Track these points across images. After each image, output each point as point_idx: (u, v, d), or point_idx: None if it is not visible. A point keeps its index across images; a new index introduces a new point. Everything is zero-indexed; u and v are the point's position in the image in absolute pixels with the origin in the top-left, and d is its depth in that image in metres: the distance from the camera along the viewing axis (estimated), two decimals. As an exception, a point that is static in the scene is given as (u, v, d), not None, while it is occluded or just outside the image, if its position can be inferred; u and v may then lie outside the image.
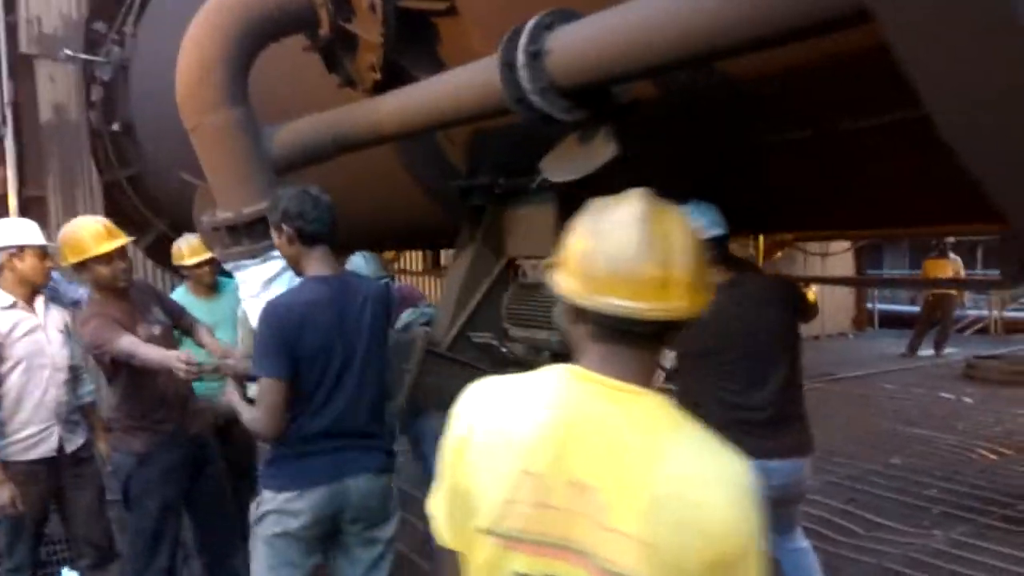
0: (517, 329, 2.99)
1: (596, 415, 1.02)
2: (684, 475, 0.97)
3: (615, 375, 1.04)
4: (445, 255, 9.38)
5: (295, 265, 2.25)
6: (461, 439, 1.11)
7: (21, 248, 2.87)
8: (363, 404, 2.21)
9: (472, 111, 2.06)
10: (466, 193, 3.03)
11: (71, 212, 7.38)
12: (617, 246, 1.01)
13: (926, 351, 9.96)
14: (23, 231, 2.93)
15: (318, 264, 2.20)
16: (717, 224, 2.40)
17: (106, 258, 2.68)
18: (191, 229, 4.23)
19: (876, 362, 9.36)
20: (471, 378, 3.11)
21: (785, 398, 2.53)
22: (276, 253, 2.36)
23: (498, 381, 1.14)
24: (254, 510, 2.21)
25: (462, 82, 2.06)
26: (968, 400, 7.19)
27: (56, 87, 7.54)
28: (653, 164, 2.12)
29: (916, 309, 11.51)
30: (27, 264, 2.87)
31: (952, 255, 9.91)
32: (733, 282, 2.52)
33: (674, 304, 1.00)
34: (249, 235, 2.37)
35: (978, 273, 11.91)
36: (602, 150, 1.83)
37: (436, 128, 2.31)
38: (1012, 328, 11.77)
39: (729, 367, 2.49)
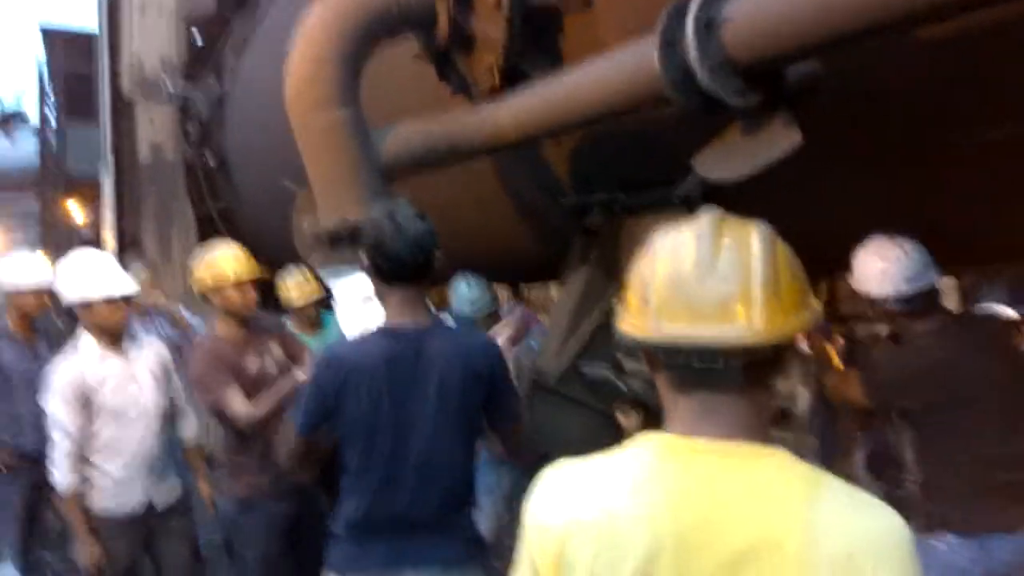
0: (633, 362, 2.68)
1: (718, 494, 0.85)
2: (844, 545, 0.82)
3: (717, 434, 0.87)
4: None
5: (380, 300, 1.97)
6: (555, 545, 0.90)
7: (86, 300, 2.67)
8: (435, 488, 1.83)
9: (614, 105, 1.81)
10: (581, 211, 2.78)
11: (167, 251, 7.55)
12: (674, 265, 0.87)
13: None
14: (85, 280, 2.66)
15: (394, 310, 1.85)
16: (930, 268, 2.08)
17: (240, 285, 2.71)
18: (279, 264, 4.15)
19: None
20: (581, 416, 2.83)
21: None
22: None
23: (580, 467, 0.95)
24: None
25: (603, 72, 1.82)
26: None
27: (155, 128, 7.82)
28: (827, 170, 1.82)
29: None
30: (96, 314, 2.67)
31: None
32: (949, 327, 2.19)
33: (750, 327, 0.83)
34: (353, 244, 2.16)
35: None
36: (781, 139, 1.54)
37: (567, 129, 2.08)
38: None
39: (978, 421, 2.11)
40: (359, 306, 2.17)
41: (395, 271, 1.82)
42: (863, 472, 3.63)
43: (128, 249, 7.72)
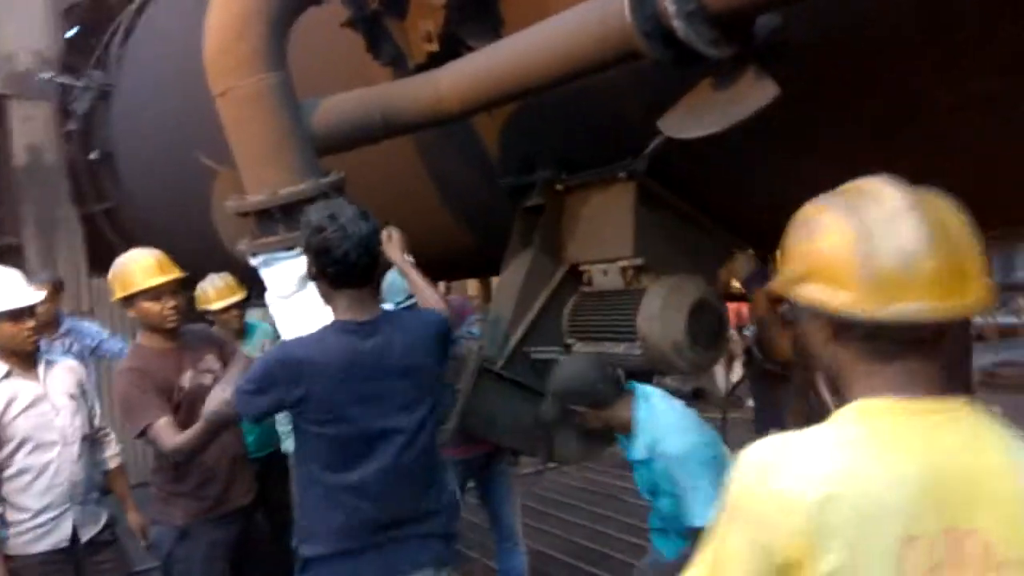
0: (584, 344, 2.60)
1: (946, 449, 0.92)
2: None
3: (919, 396, 0.94)
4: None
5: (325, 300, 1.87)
6: (803, 519, 0.89)
7: None
8: (412, 474, 1.79)
9: (577, 62, 1.70)
10: (521, 192, 2.67)
11: (50, 260, 6.88)
12: (903, 240, 0.89)
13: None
14: None
15: (346, 310, 1.80)
16: None
17: (154, 294, 2.42)
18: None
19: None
20: (530, 400, 2.71)
21: None
22: None
23: (798, 441, 0.96)
24: None
25: (565, 27, 1.72)
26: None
27: (31, 128, 7.12)
28: (796, 129, 1.78)
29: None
30: (0, 332, 2.38)
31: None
32: None
33: (975, 298, 0.90)
34: (285, 222, 1.97)
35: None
36: (755, 93, 1.49)
37: (521, 95, 1.95)
38: (1006, 334, 11.78)
39: None
40: (297, 290, 1.98)
41: (343, 275, 1.75)
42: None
43: (7, 261, 6.99)
